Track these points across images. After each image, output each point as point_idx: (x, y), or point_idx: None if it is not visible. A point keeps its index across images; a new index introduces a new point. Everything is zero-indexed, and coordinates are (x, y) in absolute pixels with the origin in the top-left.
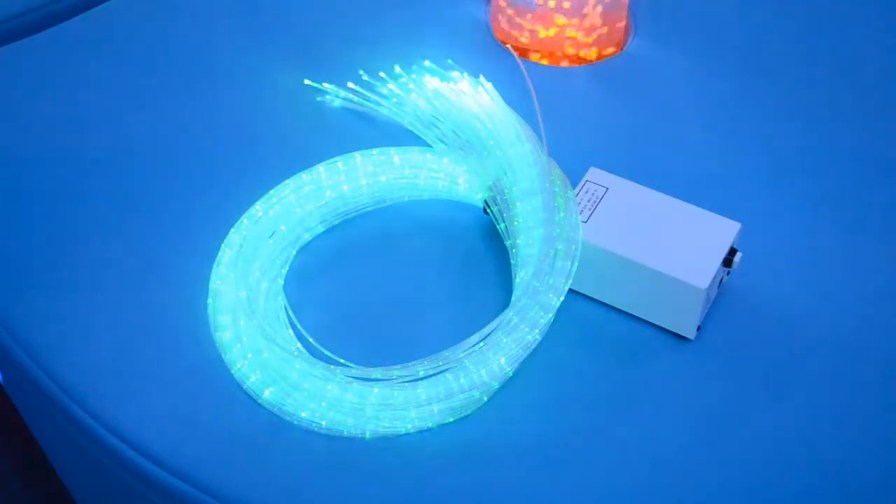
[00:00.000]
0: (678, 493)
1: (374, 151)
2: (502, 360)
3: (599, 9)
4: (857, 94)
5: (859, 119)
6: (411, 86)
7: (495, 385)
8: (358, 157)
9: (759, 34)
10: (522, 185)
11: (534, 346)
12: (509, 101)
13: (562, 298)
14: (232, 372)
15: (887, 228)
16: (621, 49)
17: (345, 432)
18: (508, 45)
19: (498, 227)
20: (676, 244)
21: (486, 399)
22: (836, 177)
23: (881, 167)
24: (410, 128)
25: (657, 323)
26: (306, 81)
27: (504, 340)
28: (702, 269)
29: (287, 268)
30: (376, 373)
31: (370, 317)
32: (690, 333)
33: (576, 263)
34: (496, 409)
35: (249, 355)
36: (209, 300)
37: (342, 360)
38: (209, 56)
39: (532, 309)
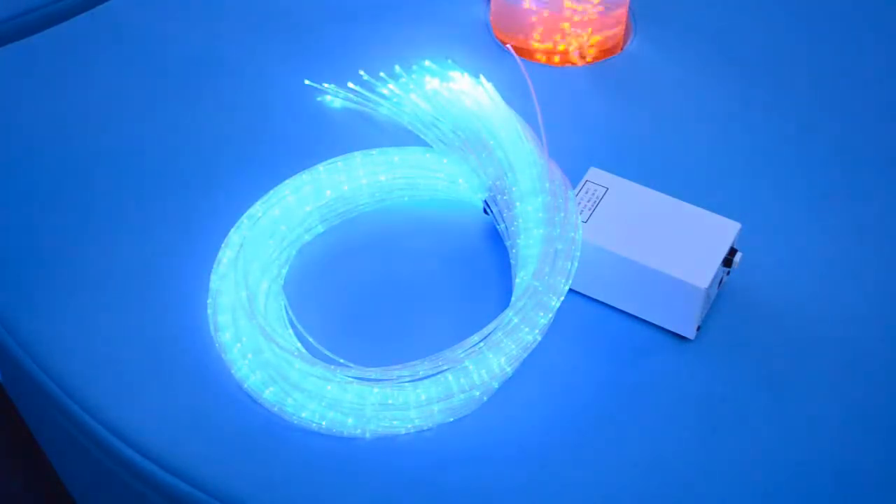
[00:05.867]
0: (678, 492)
1: (374, 151)
2: (502, 360)
3: (600, 9)
4: (857, 94)
5: (859, 119)
6: (411, 86)
7: (495, 385)
8: (358, 157)
9: (759, 34)
10: (522, 185)
11: (534, 347)
12: (509, 101)
13: (562, 299)
14: (232, 372)
15: (887, 228)
16: (621, 49)
17: (345, 432)
18: (508, 45)
19: (498, 227)
20: (676, 244)
21: (486, 399)
22: (837, 177)
23: (881, 167)
24: (410, 128)
25: (657, 323)
26: (306, 81)
27: (504, 341)
28: (702, 269)
29: (287, 268)
30: (376, 373)
31: (370, 317)
32: (690, 333)
33: (576, 263)
34: (496, 409)
35: (249, 355)
36: (209, 300)
37: (342, 360)
38: (209, 56)
39: (532, 309)
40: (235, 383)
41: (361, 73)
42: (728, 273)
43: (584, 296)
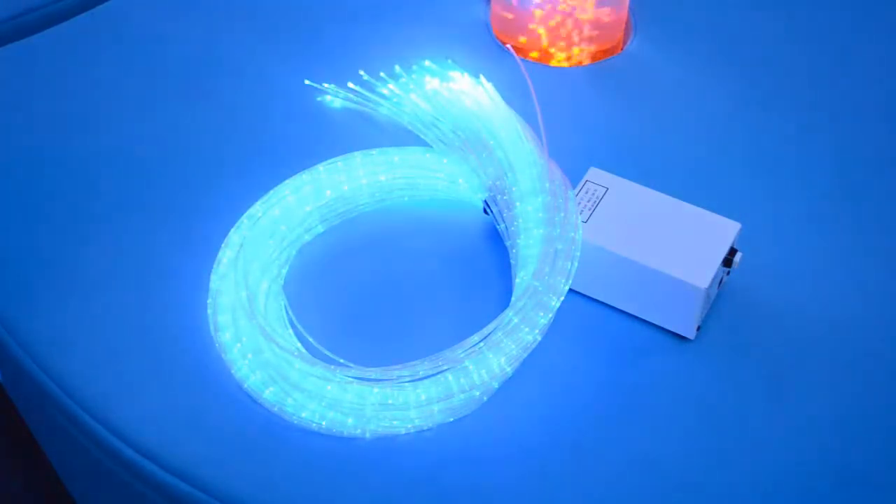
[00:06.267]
0: (678, 492)
1: (374, 151)
2: (502, 360)
3: (600, 9)
4: (857, 94)
5: (859, 119)
6: (411, 86)
7: (495, 385)
8: (358, 157)
9: (758, 34)
10: (522, 185)
11: (534, 347)
12: (509, 101)
13: (562, 299)
14: (232, 372)
15: (887, 228)
16: (621, 49)
17: (345, 432)
18: (508, 45)
19: (498, 227)
20: (676, 244)
21: (486, 399)
22: (836, 177)
23: (880, 167)
24: (410, 128)
25: (657, 323)
26: (306, 81)
27: (504, 341)
28: (702, 269)
29: (287, 268)
30: (376, 373)
31: (370, 317)
32: (690, 333)
33: (576, 264)
34: (496, 409)
35: (249, 355)
36: (209, 300)
37: (342, 360)
38: (209, 56)
39: (532, 309)
40: (235, 383)
41: (361, 73)
42: (728, 273)
43: (584, 296)
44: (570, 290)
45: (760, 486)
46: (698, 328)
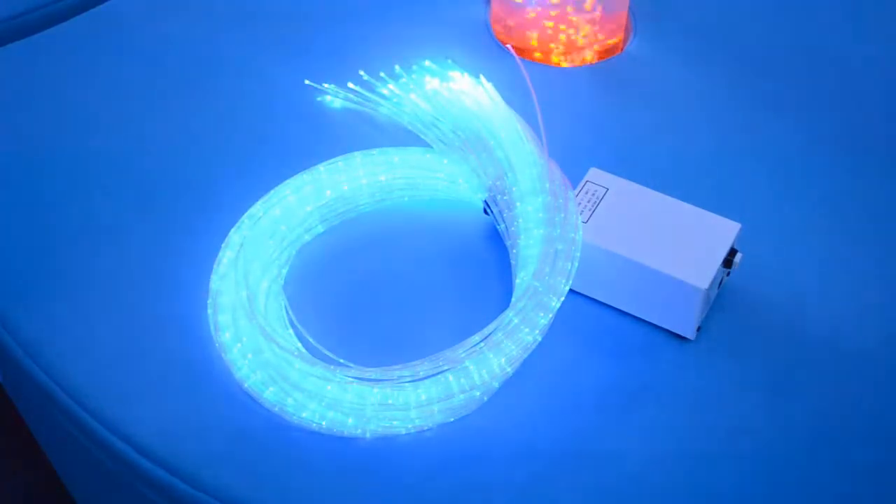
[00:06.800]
0: (678, 493)
1: (374, 151)
2: (503, 360)
3: (599, 9)
4: (858, 94)
5: (860, 118)
6: (411, 86)
7: (496, 385)
8: (358, 157)
9: (758, 34)
10: (523, 185)
11: (534, 347)
12: (509, 101)
13: (562, 299)
14: (232, 372)
15: (887, 228)
16: (621, 49)
17: (345, 432)
18: (508, 45)
19: (498, 227)
20: (676, 244)
21: (486, 399)
22: (837, 177)
23: (882, 167)
24: (410, 128)
25: (657, 323)
26: (306, 81)
27: (504, 341)
28: (702, 269)
29: (287, 268)
30: (376, 373)
31: (370, 317)
32: (690, 334)
33: (576, 264)
34: (496, 409)
35: (250, 355)
36: (209, 300)
37: (342, 360)
38: (208, 56)
39: (532, 310)
40: (236, 383)
41: (361, 73)
42: (728, 273)
43: (584, 296)
44: (570, 291)
45: (760, 486)
46: (698, 328)
